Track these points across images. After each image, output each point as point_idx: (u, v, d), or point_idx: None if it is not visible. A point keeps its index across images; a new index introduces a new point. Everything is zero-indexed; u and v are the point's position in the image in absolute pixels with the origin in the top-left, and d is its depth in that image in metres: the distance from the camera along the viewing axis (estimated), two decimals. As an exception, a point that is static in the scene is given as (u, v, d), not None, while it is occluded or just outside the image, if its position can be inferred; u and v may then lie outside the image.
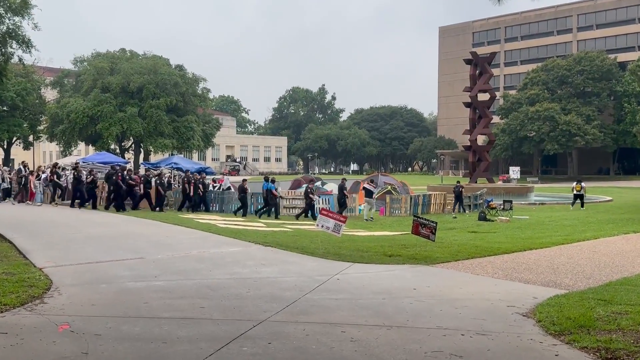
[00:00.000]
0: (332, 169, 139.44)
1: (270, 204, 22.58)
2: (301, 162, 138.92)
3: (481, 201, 28.39)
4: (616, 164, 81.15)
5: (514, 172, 62.39)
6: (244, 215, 22.40)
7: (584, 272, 10.03)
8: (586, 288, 8.56)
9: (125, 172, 22.19)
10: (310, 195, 22.74)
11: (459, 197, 26.77)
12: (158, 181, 22.50)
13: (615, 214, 24.80)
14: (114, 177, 21.32)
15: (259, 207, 23.26)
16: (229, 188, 27.42)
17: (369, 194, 23.00)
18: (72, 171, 23.06)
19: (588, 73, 72.94)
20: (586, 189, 30.46)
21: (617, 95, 74.37)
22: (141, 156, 58.96)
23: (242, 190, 22.88)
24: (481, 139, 61.32)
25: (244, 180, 23.93)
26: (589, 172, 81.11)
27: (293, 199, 25.01)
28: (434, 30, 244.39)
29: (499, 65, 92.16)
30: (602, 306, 7.07)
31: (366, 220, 22.21)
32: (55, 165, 25.11)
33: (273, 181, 23.03)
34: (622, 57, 79.06)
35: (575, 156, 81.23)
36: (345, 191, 24.03)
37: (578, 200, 29.15)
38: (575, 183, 29.93)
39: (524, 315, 6.85)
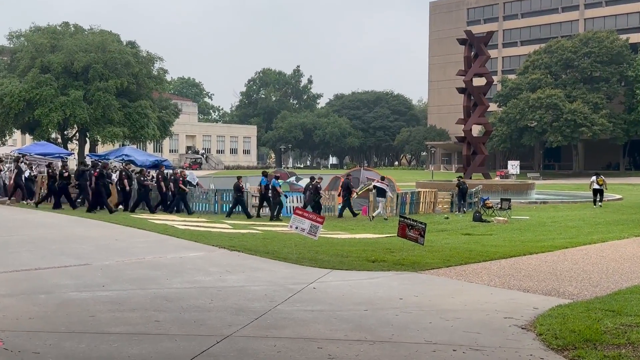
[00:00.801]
0: (308, 163, 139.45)
1: (272, 203, 23.28)
2: (273, 155, 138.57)
3: (476, 199, 28.70)
4: (627, 158, 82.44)
5: (513, 166, 63.23)
6: (231, 214, 23.01)
7: (590, 280, 10.22)
8: (592, 297, 8.72)
9: (104, 169, 22.31)
10: (320, 192, 23.80)
11: (464, 194, 27.10)
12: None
13: (625, 213, 25.30)
14: (87, 174, 21.40)
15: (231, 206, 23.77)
16: (197, 184, 27.30)
17: (381, 192, 24.07)
18: (46, 168, 23.22)
19: (596, 56, 73.86)
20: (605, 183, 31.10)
21: (628, 80, 75.46)
22: (87, 147, 58.21)
23: (237, 189, 23.38)
24: (476, 130, 61.94)
25: (239, 177, 24.43)
26: (597, 167, 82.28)
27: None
28: (424, 6, 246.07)
29: (496, 46, 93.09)
30: (610, 318, 7.20)
31: (385, 219, 23.32)
32: (17, 159, 25.06)
33: (277, 177, 24.22)
34: (634, 37, 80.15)
35: (581, 149, 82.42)
36: (353, 189, 24.90)
37: (596, 197, 29.92)
38: (594, 177, 30.58)
39: (523, 328, 6.95)
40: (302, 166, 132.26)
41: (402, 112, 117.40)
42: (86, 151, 55.09)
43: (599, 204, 29.57)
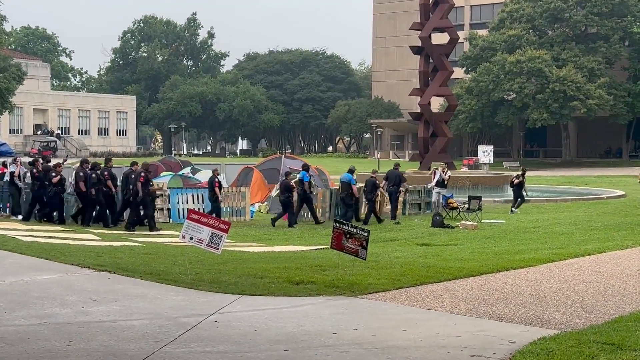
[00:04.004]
0: (209, 148, 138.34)
1: (347, 207, 24.41)
2: (159, 137, 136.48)
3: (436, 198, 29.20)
4: (631, 142, 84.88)
5: (485, 153, 64.70)
6: (291, 224, 23.65)
7: (583, 303, 10.58)
8: (586, 326, 9.02)
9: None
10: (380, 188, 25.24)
11: (520, 189, 27.92)
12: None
13: (629, 215, 26.30)
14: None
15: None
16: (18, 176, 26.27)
17: (439, 182, 26.78)
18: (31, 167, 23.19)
19: (592, 5, 75.76)
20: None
21: (634, 39, 77.52)
22: None
23: (286, 188, 23.77)
24: (437, 103, 62.83)
25: (288, 174, 24.86)
26: (592, 153, 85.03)
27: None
28: None
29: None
30: (608, 353, 7.45)
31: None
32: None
33: (352, 171, 24.74)
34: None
35: (573, 130, 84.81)
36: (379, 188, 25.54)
37: None
38: None
39: (496, 369, 7.12)
40: (200, 153, 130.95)
41: (338, 78, 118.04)
42: None
43: None
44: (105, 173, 22.50)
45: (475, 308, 10.07)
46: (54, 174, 21.97)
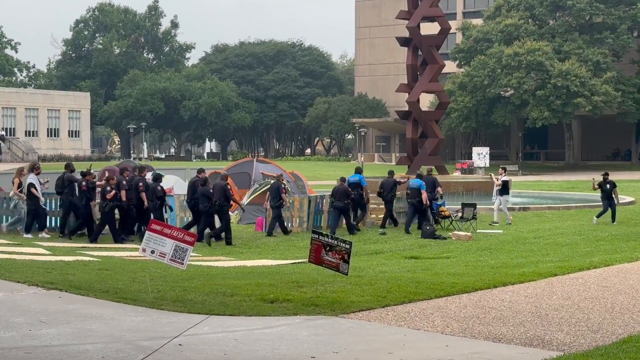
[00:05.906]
0: (172, 151, 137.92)
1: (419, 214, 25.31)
2: (117, 139, 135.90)
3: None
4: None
5: (480, 155, 64.85)
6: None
7: (588, 322, 10.65)
8: (592, 347, 9.08)
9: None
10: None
11: (610, 195, 27.92)
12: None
13: (638, 224, 26.55)
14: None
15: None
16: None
17: (505, 189, 27.66)
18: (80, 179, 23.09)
19: (598, -8, 76.36)
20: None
21: (644, 29, 78.41)
22: None
23: (345, 194, 24.41)
24: (427, 101, 63.05)
25: (344, 179, 25.24)
26: (598, 156, 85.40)
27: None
28: None
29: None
30: (615, 376, 7.52)
31: (508, 224, 27.02)
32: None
33: (420, 176, 26.50)
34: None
35: (577, 130, 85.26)
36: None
37: None
38: None
39: (492, 396, 7.16)
40: (163, 156, 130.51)
41: (317, 73, 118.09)
42: None
43: None
44: (140, 184, 22.64)
45: (470, 328, 10.11)
46: (108, 188, 21.97)
